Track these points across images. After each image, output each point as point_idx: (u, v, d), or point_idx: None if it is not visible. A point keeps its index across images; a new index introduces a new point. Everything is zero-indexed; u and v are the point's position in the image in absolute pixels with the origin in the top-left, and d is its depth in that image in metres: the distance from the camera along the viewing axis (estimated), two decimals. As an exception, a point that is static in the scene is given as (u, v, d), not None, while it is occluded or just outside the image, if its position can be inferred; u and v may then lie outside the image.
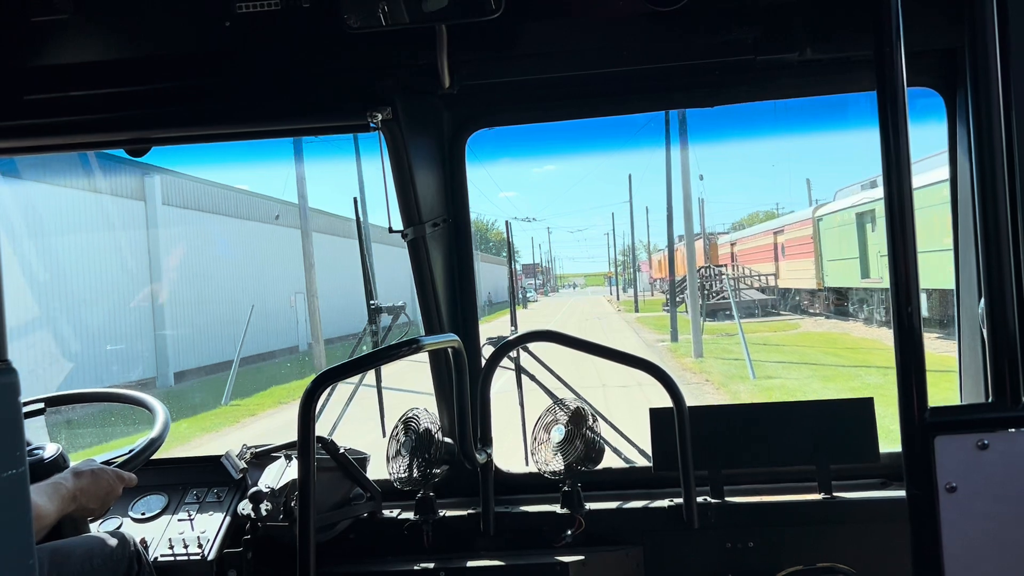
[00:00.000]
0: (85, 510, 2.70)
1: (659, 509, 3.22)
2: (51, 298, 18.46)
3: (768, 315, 36.18)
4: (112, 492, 2.74)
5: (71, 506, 2.62)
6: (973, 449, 1.58)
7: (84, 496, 2.65)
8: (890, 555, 2.90)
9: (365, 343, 4.07)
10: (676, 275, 33.01)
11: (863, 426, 3.16)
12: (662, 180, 45.08)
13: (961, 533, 1.58)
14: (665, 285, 64.35)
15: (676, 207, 31.68)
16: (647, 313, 45.34)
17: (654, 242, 77.23)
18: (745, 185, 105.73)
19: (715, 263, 43.95)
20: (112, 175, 20.54)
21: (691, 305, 27.10)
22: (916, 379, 1.61)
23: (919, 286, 1.62)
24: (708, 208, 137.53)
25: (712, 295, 36.71)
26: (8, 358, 1.42)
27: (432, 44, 2.71)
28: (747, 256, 42.83)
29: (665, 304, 40.41)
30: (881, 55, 1.62)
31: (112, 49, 2.91)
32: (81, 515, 2.74)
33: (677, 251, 43.26)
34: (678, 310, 31.64)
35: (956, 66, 3.03)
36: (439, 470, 3.23)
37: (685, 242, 28.11)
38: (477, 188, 50.82)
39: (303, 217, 22.86)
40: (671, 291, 33.36)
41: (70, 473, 2.70)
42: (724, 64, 2.92)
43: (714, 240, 48.72)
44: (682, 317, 30.05)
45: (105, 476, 2.73)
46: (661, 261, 60.95)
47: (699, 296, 30.62)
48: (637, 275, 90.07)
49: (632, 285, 72.03)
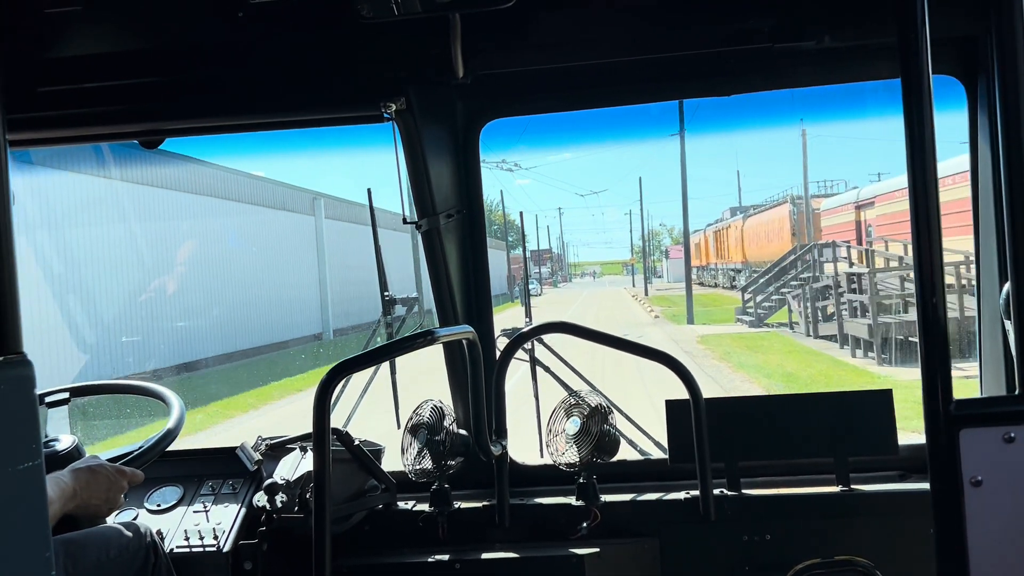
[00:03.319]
0: (89, 508, 2.68)
1: (675, 501, 3.20)
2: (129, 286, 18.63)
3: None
4: (114, 489, 2.71)
5: (71, 504, 2.60)
6: (999, 442, 1.55)
7: (85, 493, 2.63)
8: (909, 549, 2.87)
9: (380, 334, 4.07)
10: (742, 258, 25.71)
11: (882, 418, 3.13)
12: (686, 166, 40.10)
13: (986, 528, 1.55)
14: (706, 274, 52.87)
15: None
16: (713, 328, 26.18)
17: (693, 224, 61.09)
18: (761, 171, 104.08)
19: (819, 239, 28.14)
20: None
21: (806, 314, 18.42)
22: (941, 371, 1.58)
23: (944, 277, 1.59)
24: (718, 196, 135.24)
25: (825, 293, 22.07)
26: (23, 350, 1.41)
27: (446, 34, 2.69)
28: (893, 226, 22.62)
29: (746, 312, 27.13)
30: (905, 42, 1.59)
31: (125, 40, 2.91)
32: (86, 514, 2.71)
33: (726, 231, 37.26)
34: (747, 310, 24.53)
35: (977, 53, 2.99)
36: (454, 462, 3.22)
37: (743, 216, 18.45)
38: (492, 175, 48.37)
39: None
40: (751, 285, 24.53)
41: (68, 471, 2.67)
42: (740, 52, 2.89)
43: (815, 205, 31.45)
44: (761, 331, 22.37)
45: (104, 472, 2.71)
46: (700, 244, 52.53)
47: (807, 296, 20.71)
48: (666, 262, 73.67)
49: (652, 274, 60.22)
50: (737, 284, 38.75)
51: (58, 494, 2.54)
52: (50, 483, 2.55)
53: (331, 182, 62.81)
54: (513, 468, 3.37)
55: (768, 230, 27.29)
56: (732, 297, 36.51)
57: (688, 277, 33.86)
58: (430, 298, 3.44)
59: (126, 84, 2.99)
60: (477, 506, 3.30)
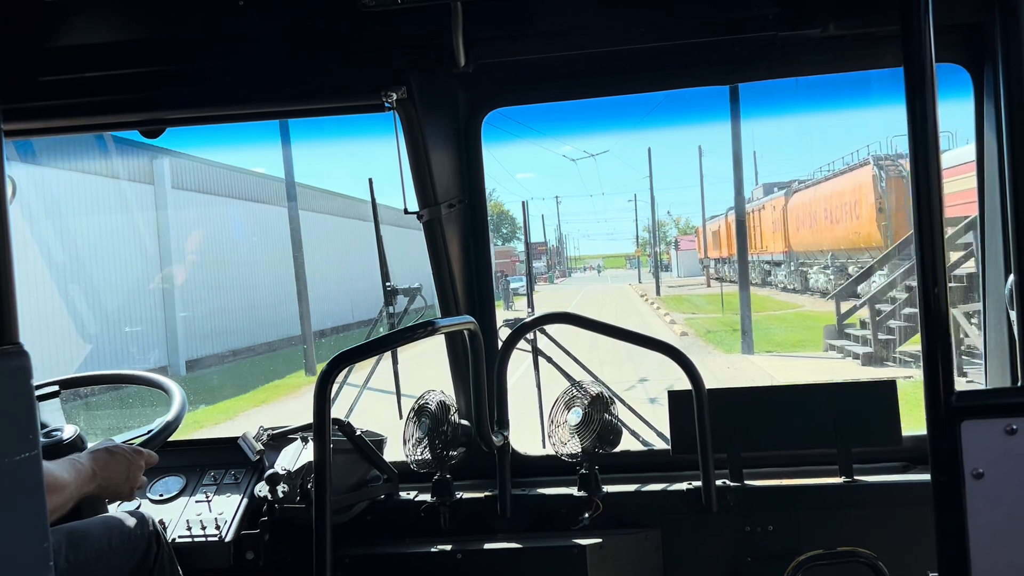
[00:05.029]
0: (108, 489, 2.69)
1: (677, 492, 3.19)
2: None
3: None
4: (133, 469, 2.73)
5: (91, 485, 2.61)
6: (1001, 434, 1.54)
7: (104, 474, 2.65)
8: (912, 540, 2.86)
9: (382, 325, 4.06)
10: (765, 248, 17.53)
11: (885, 409, 3.12)
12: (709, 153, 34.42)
13: (988, 521, 1.54)
14: (726, 268, 41.17)
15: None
16: (791, 362, 17.22)
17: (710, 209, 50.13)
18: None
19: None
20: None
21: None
22: (942, 362, 1.57)
23: (945, 266, 1.58)
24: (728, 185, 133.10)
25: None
26: (20, 341, 1.41)
27: (447, 22, 2.67)
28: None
29: (843, 334, 17.32)
30: (909, 30, 1.57)
31: (126, 30, 2.90)
32: (106, 495, 2.73)
33: (757, 212, 27.90)
34: (845, 331, 15.00)
35: (983, 41, 2.96)
36: (456, 452, 3.22)
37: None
38: (496, 166, 44.69)
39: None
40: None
41: (87, 453, 2.70)
42: (744, 40, 2.86)
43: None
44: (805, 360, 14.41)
45: (122, 453, 2.73)
46: (719, 231, 42.68)
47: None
48: (675, 255, 61.70)
49: (659, 268, 47.56)
50: (774, 280, 33.10)
51: (75, 476, 2.55)
52: (68, 465, 2.57)
53: (331, 173, 62.57)
54: (515, 458, 3.37)
55: (832, 206, 18.54)
56: (776, 299, 29.36)
57: (744, 271, 20.23)
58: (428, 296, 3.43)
59: (127, 74, 2.98)
60: (479, 496, 3.30)
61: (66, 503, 2.51)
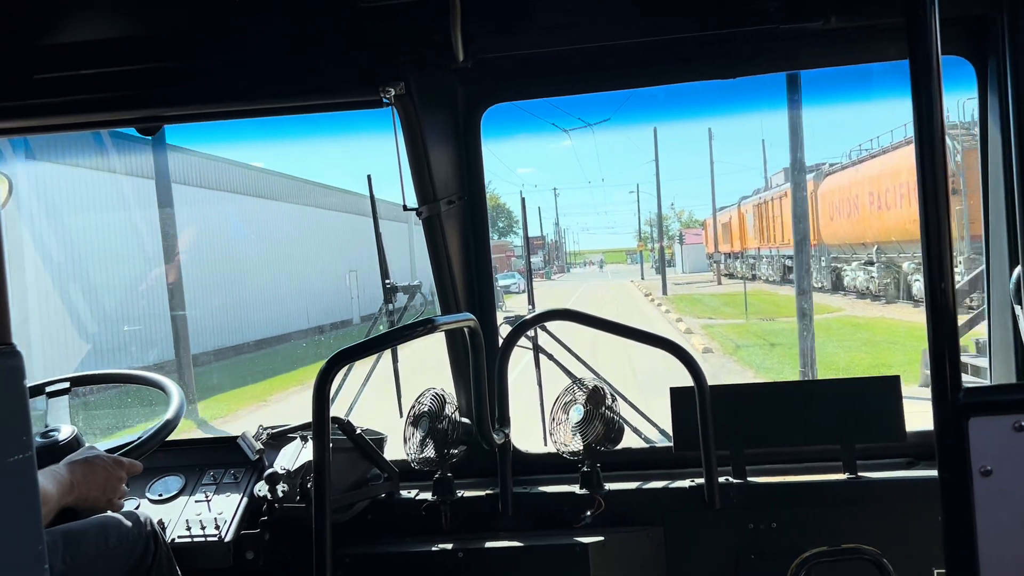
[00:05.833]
0: (88, 500, 2.64)
1: (680, 489, 3.17)
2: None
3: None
4: (112, 481, 2.68)
5: (69, 497, 2.57)
6: (1009, 431, 1.52)
7: (82, 486, 2.61)
8: (917, 536, 2.84)
9: (381, 323, 4.04)
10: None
11: (889, 405, 3.10)
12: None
13: (996, 519, 1.52)
14: (738, 263, 39.05)
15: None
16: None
17: (720, 201, 46.30)
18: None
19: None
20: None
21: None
22: (950, 358, 1.54)
23: (952, 261, 1.55)
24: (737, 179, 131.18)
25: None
26: (12, 341, 1.39)
27: (446, 17, 2.64)
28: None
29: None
30: (913, 22, 1.55)
31: (122, 27, 2.88)
32: (86, 507, 2.67)
33: (778, 201, 23.08)
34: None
35: (987, 34, 2.93)
36: (457, 451, 3.20)
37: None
38: (495, 162, 43.35)
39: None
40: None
41: (64, 464, 2.65)
42: (745, 33, 2.84)
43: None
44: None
45: (101, 463, 2.68)
46: (731, 223, 40.49)
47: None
48: (680, 249, 57.31)
49: (664, 263, 41.43)
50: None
51: (55, 488, 2.52)
52: (47, 477, 2.53)
53: (328, 169, 62.52)
54: (516, 456, 3.35)
55: (880, 189, 15.54)
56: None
57: (800, 271, 14.07)
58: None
59: (123, 71, 2.96)
60: (480, 495, 3.28)
61: (47, 515, 2.48)
